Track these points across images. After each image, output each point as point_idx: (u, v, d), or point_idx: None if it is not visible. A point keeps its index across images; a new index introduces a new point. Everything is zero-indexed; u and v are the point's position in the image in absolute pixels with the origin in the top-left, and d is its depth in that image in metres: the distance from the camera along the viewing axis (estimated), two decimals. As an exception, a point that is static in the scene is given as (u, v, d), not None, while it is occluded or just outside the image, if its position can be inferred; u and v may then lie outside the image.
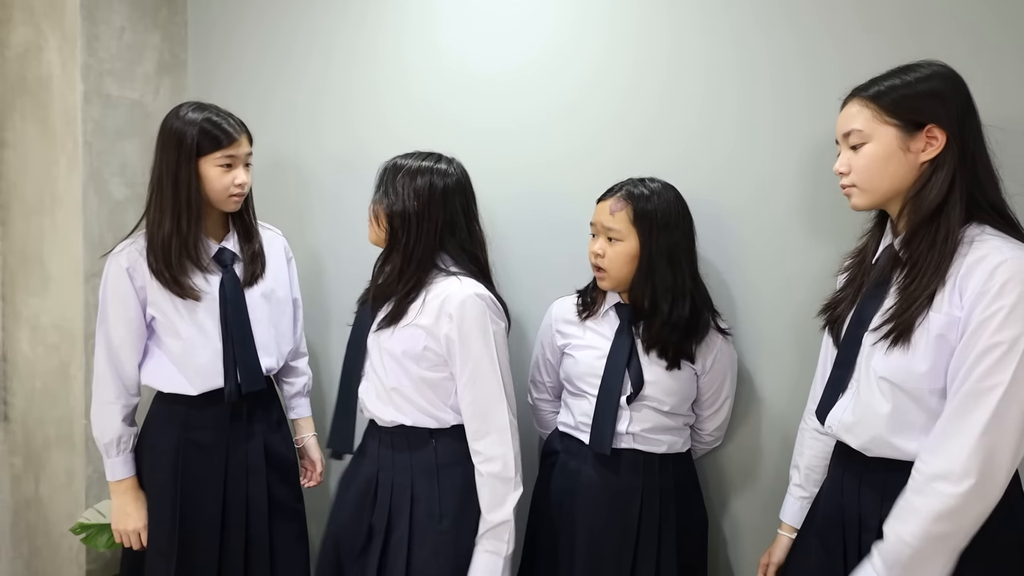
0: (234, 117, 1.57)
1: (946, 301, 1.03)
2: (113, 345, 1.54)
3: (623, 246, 1.42)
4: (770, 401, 1.61)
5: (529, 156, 1.78)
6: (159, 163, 1.52)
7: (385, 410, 1.44)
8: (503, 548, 1.38)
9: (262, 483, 1.61)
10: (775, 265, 1.57)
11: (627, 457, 1.47)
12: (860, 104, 1.11)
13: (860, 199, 1.14)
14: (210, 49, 2.12)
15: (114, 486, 1.57)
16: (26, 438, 2.00)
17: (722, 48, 1.59)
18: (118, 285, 1.53)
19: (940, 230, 1.05)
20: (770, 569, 1.43)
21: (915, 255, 1.07)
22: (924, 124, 1.06)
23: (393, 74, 1.90)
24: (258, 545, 1.61)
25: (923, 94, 1.06)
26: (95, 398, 1.56)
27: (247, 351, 1.58)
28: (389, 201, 1.41)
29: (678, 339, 1.44)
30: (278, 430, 1.69)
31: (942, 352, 1.03)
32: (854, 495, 1.16)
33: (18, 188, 1.95)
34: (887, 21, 1.44)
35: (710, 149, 1.60)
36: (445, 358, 1.40)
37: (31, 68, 1.91)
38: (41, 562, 2.01)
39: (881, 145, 1.09)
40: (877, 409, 1.10)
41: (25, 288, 1.97)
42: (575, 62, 1.72)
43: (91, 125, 1.89)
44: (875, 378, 1.11)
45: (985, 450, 0.97)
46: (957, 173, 1.05)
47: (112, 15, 1.93)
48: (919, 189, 1.07)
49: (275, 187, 2.05)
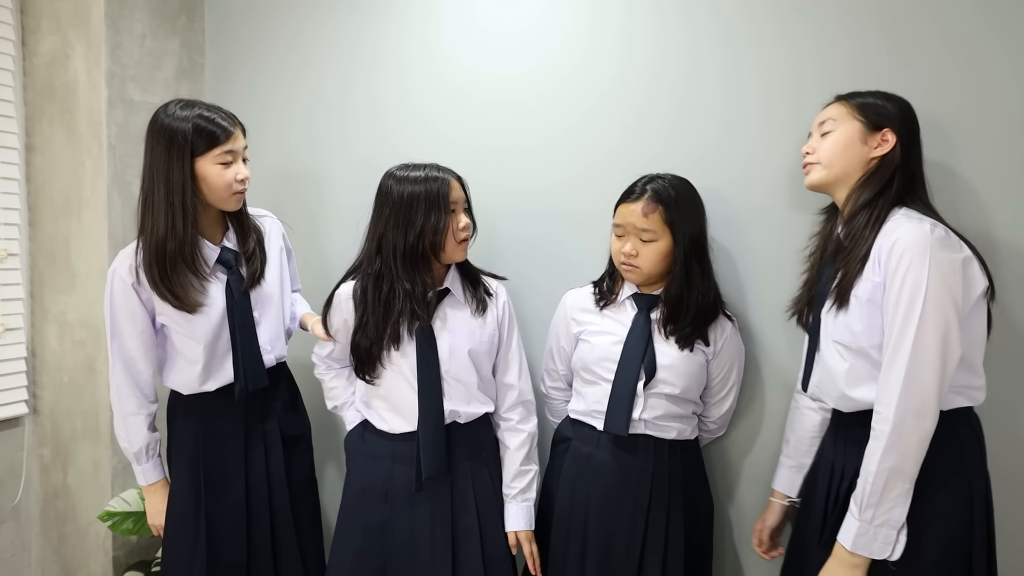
0: (225, 110, 1.50)
1: (871, 269, 1.23)
2: (130, 358, 1.55)
3: (657, 246, 1.48)
4: (773, 392, 1.65)
5: (536, 172, 1.83)
6: (149, 166, 1.44)
7: (474, 407, 1.56)
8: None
9: (280, 461, 1.65)
10: (782, 260, 1.61)
11: (639, 443, 1.51)
12: (839, 104, 1.34)
13: (816, 175, 1.35)
14: (227, 55, 2.19)
15: (146, 489, 1.62)
16: (54, 430, 2.08)
17: (738, 50, 1.63)
18: (126, 301, 1.51)
19: (873, 213, 1.26)
20: (764, 533, 1.54)
21: (852, 232, 1.28)
22: (883, 127, 1.29)
23: (421, 72, 1.94)
24: (283, 521, 1.65)
25: (888, 109, 1.30)
26: (118, 412, 1.58)
27: (251, 351, 1.58)
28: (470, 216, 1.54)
29: (697, 324, 1.50)
30: (292, 408, 1.73)
31: (873, 313, 1.23)
32: (841, 449, 1.33)
33: (46, 190, 2.03)
34: (908, 24, 1.48)
35: (728, 152, 1.64)
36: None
37: (58, 75, 1.98)
38: (70, 548, 2.09)
39: (845, 133, 1.31)
40: (836, 367, 1.30)
41: (53, 286, 2.04)
42: (588, 77, 1.76)
43: (115, 129, 1.97)
44: (831, 342, 1.31)
45: (909, 390, 1.15)
46: (897, 171, 1.27)
47: (134, 23, 2.01)
48: (864, 179, 1.30)
49: (292, 192, 2.10)
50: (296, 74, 2.09)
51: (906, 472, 1.16)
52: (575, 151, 1.79)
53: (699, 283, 1.50)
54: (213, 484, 1.59)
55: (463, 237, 1.50)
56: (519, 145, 1.84)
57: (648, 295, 1.54)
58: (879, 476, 1.15)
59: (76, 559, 2.07)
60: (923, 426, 1.15)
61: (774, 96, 1.59)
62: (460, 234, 1.49)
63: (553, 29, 1.79)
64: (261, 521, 1.63)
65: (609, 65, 1.74)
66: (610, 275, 1.61)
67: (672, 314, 1.50)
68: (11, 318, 2.00)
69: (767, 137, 1.61)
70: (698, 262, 1.50)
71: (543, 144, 1.82)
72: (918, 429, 1.15)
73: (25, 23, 2.01)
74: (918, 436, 1.15)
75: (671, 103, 1.69)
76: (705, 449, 1.69)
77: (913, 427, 1.15)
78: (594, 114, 1.76)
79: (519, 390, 1.61)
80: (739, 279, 1.66)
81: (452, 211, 1.47)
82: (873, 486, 1.16)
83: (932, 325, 1.15)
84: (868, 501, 1.17)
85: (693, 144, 1.67)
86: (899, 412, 1.15)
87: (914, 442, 1.15)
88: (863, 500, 1.18)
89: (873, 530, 1.17)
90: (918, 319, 1.15)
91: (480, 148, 1.87)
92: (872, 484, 1.16)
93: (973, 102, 1.43)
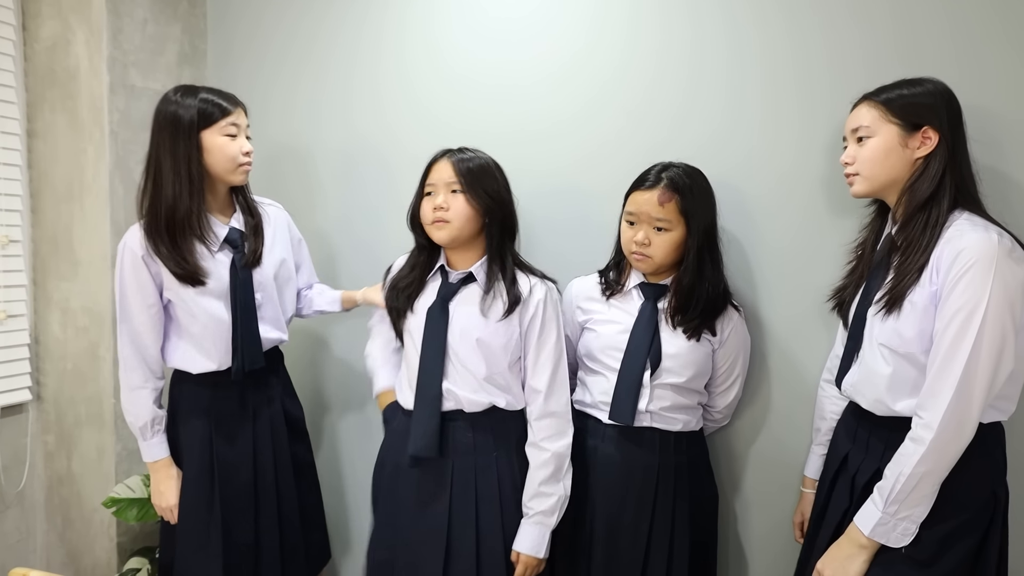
0: (227, 92, 1.59)
1: (928, 277, 1.20)
2: (137, 332, 1.58)
3: (671, 235, 1.46)
4: (779, 382, 1.64)
5: (551, 155, 1.81)
6: (155, 146, 1.53)
7: (480, 398, 1.48)
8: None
9: (285, 444, 1.70)
10: (791, 251, 1.59)
11: (645, 435, 1.50)
12: (869, 106, 1.28)
13: (860, 186, 1.30)
14: (229, 40, 2.17)
15: (151, 466, 1.64)
16: (58, 417, 2.08)
17: (743, 35, 1.61)
18: (136, 274, 1.54)
19: (932, 215, 1.22)
20: (806, 524, 1.51)
21: (909, 237, 1.24)
22: (921, 125, 1.23)
23: (424, 58, 1.92)
24: (288, 502, 1.70)
25: (923, 102, 1.24)
26: (124, 385, 1.60)
27: (250, 331, 1.61)
28: (480, 199, 1.44)
29: (706, 315, 1.49)
30: (290, 393, 1.79)
31: (926, 320, 1.20)
32: (863, 443, 1.32)
33: (48, 176, 2.02)
34: (918, 15, 1.46)
35: (734, 140, 1.62)
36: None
37: (59, 61, 1.97)
38: (74, 534, 2.10)
39: (884, 140, 1.26)
40: (878, 371, 1.27)
41: (56, 273, 2.04)
42: (592, 64, 1.74)
43: (116, 115, 1.96)
44: (876, 344, 1.28)
45: (958, 402, 1.14)
46: (947, 168, 1.22)
47: (135, 8, 1.99)
48: (914, 180, 1.25)
49: (294, 177, 2.09)
50: (298, 60, 2.07)
51: (938, 476, 1.17)
52: (579, 136, 1.77)
53: (710, 274, 1.48)
54: (224, 466, 1.62)
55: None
56: (523, 131, 1.82)
57: (655, 284, 1.53)
58: (912, 478, 1.16)
59: (81, 545, 2.09)
60: (963, 437, 1.16)
61: (779, 82, 1.57)
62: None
63: (557, 14, 1.77)
64: (268, 502, 1.67)
65: (613, 51, 1.72)
66: (616, 264, 1.60)
67: (682, 305, 1.48)
68: (14, 305, 2.00)
69: (772, 124, 1.59)
70: (709, 253, 1.49)
71: (548, 129, 1.80)
72: (959, 440, 1.16)
73: (26, 8, 1.99)
74: (957, 447, 1.16)
75: (676, 89, 1.67)
76: (710, 439, 1.68)
77: (954, 438, 1.15)
78: (599, 100, 1.74)
79: (545, 397, 1.48)
80: (746, 268, 1.64)
81: (429, 194, 1.48)
82: (904, 485, 1.17)
83: (988, 339, 1.13)
84: (896, 498, 1.18)
85: (698, 131, 1.65)
86: (944, 423, 1.14)
87: (952, 452, 1.16)
88: (890, 496, 1.18)
89: (894, 522, 1.19)
90: (976, 332, 1.13)
91: (482, 134, 1.85)
92: (904, 484, 1.17)
93: (982, 88, 1.40)
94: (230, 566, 1.61)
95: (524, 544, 1.46)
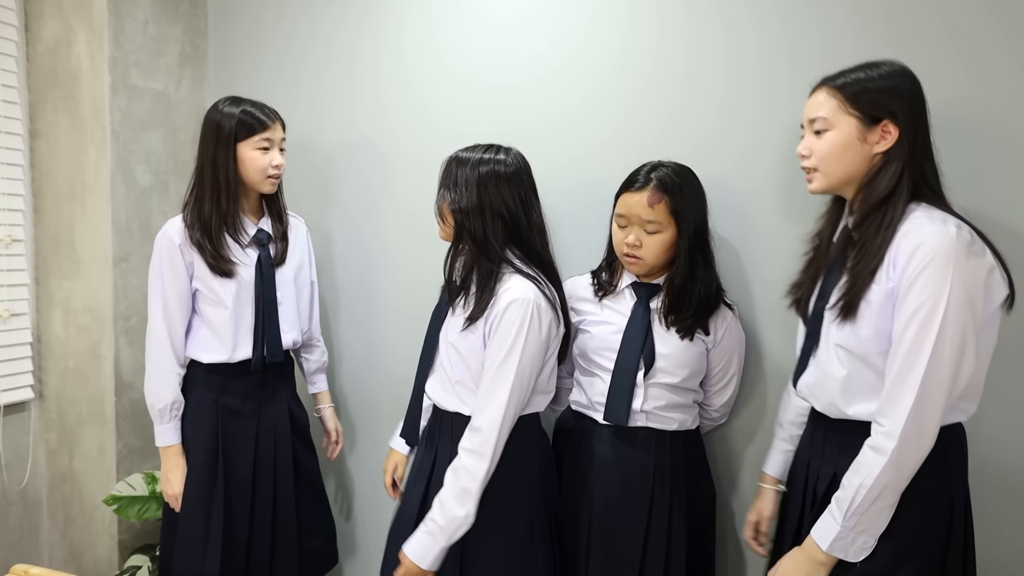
0: (268, 107, 1.70)
1: (884, 274, 1.14)
2: (170, 316, 1.67)
3: (661, 236, 1.45)
4: (775, 380, 1.64)
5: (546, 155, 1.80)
6: (201, 152, 1.67)
7: (449, 400, 1.47)
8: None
9: (288, 446, 1.75)
10: (785, 247, 1.59)
11: (640, 435, 1.50)
12: (828, 93, 1.21)
13: (819, 183, 1.24)
14: (230, 40, 2.18)
15: (163, 451, 1.68)
16: (60, 415, 2.09)
17: (740, 34, 1.61)
18: (171, 260, 1.65)
19: (886, 216, 1.16)
20: (763, 524, 1.49)
21: (864, 237, 1.18)
22: (881, 119, 1.17)
23: (423, 58, 1.93)
24: (285, 503, 1.74)
25: (883, 90, 1.17)
26: (153, 366, 1.67)
27: (272, 324, 1.71)
28: (452, 196, 1.40)
29: (699, 315, 1.49)
30: (296, 399, 1.84)
31: (883, 318, 1.15)
32: (819, 449, 1.29)
33: (50, 176, 2.03)
34: (912, 15, 1.46)
35: (730, 138, 1.62)
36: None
37: (61, 61, 1.98)
38: (76, 531, 2.11)
39: (842, 134, 1.19)
40: (832, 373, 1.23)
41: (58, 272, 2.06)
42: (590, 62, 1.75)
43: (118, 115, 1.97)
44: (832, 345, 1.23)
45: (920, 410, 1.09)
46: (906, 166, 1.16)
47: (136, 8, 2.00)
48: (871, 178, 1.19)
49: (296, 177, 2.10)
50: (298, 60, 2.08)
51: (899, 487, 1.12)
52: (577, 134, 1.77)
53: (702, 274, 1.48)
54: (228, 458, 1.68)
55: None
56: (522, 130, 1.82)
57: (648, 284, 1.53)
58: (873, 490, 1.10)
59: (83, 542, 2.10)
60: (924, 445, 1.11)
61: (775, 81, 1.57)
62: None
63: (555, 13, 1.78)
64: (264, 500, 1.71)
65: (611, 50, 1.72)
66: (608, 264, 1.60)
67: (674, 305, 1.48)
68: (16, 304, 2.01)
69: (768, 122, 1.59)
70: (701, 252, 1.48)
71: (544, 128, 1.80)
72: (919, 448, 1.11)
73: (28, 9, 2.01)
74: (918, 456, 1.11)
75: (672, 88, 1.67)
76: (707, 438, 1.68)
77: (915, 447, 1.10)
78: (596, 99, 1.75)
79: (476, 409, 1.38)
80: (740, 266, 1.64)
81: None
82: (865, 498, 1.11)
83: (950, 341, 1.07)
84: (856, 511, 1.12)
85: (694, 129, 1.65)
86: (906, 432, 1.09)
87: (913, 461, 1.11)
88: (849, 509, 1.13)
89: (853, 535, 1.14)
90: (936, 333, 1.07)
91: (481, 133, 1.85)
92: (864, 496, 1.11)
93: (978, 87, 1.40)
94: (228, 558, 1.65)
95: (410, 546, 1.37)
